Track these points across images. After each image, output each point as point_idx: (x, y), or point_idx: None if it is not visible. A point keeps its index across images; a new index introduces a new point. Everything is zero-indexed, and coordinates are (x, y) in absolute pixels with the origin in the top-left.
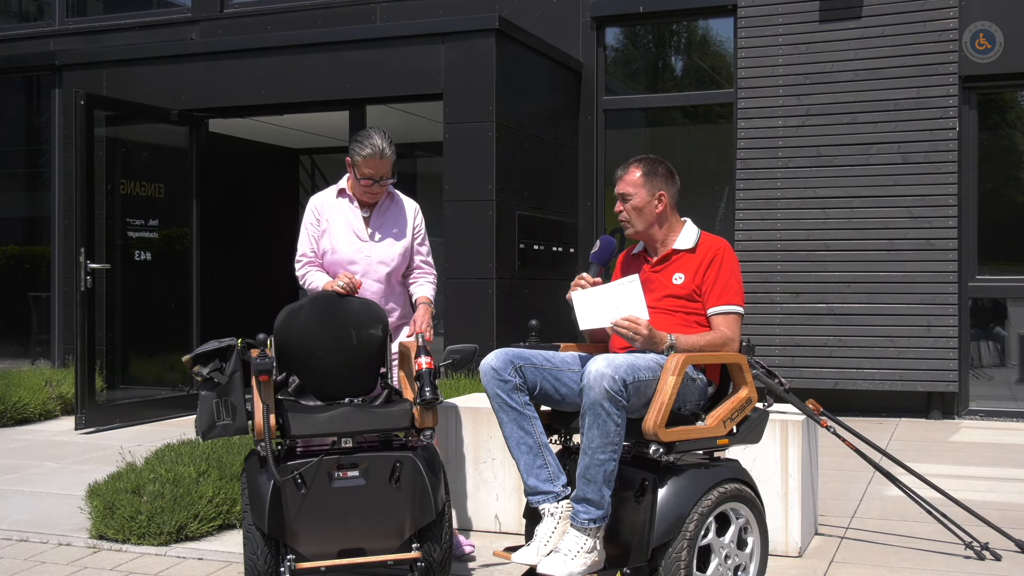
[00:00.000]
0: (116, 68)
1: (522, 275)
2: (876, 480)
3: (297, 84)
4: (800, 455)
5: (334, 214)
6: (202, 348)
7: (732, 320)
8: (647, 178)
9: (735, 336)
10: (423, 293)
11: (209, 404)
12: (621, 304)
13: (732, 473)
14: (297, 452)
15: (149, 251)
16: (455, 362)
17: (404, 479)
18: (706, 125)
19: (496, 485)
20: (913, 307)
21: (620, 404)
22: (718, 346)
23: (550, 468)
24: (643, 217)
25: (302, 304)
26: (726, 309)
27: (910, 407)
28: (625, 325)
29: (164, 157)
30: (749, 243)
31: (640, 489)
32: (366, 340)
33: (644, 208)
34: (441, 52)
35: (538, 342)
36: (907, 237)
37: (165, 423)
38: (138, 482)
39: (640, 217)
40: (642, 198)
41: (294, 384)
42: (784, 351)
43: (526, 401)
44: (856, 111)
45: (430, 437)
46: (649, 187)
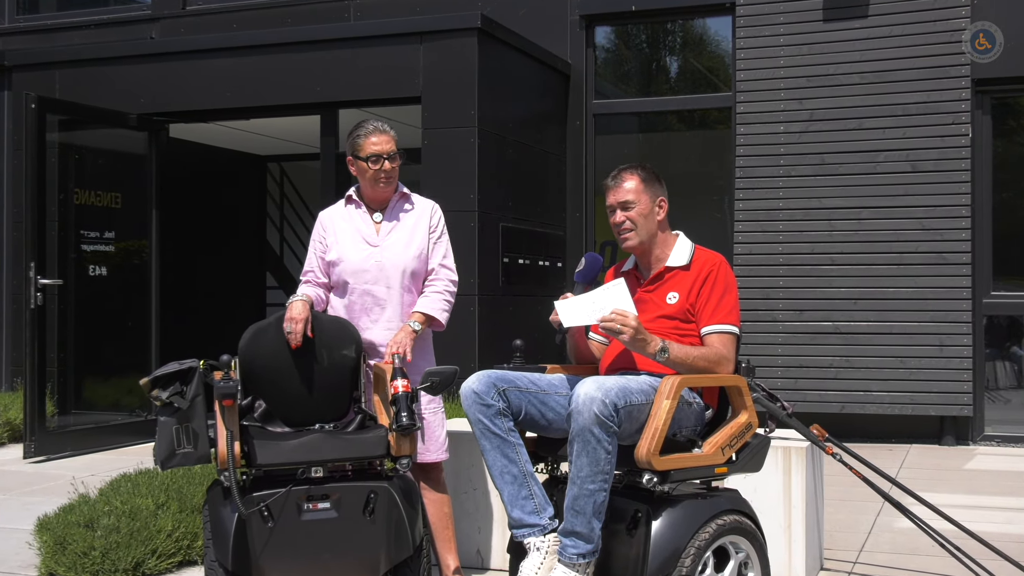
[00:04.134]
0: (70, 69)
1: (506, 291)
2: (886, 511)
3: (265, 87)
4: (804, 484)
5: (341, 223)
6: (161, 370)
7: (727, 340)
8: (646, 184)
9: (731, 356)
10: (421, 307)
11: (168, 431)
12: (608, 306)
13: (731, 504)
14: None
15: (105, 265)
16: (433, 385)
17: (379, 511)
18: (703, 131)
19: (478, 517)
20: (924, 325)
21: (611, 430)
22: (712, 361)
23: (536, 499)
24: (647, 226)
25: (269, 323)
26: (720, 329)
27: (922, 432)
28: (613, 318)
29: (121, 164)
30: (749, 257)
31: (632, 521)
32: (338, 361)
33: (648, 216)
34: (419, 53)
35: (523, 364)
36: (917, 251)
37: (121, 451)
38: (91, 515)
39: (645, 225)
40: (646, 205)
41: (260, 409)
42: (787, 372)
43: (510, 427)
44: (863, 116)
45: (407, 466)
46: (650, 193)
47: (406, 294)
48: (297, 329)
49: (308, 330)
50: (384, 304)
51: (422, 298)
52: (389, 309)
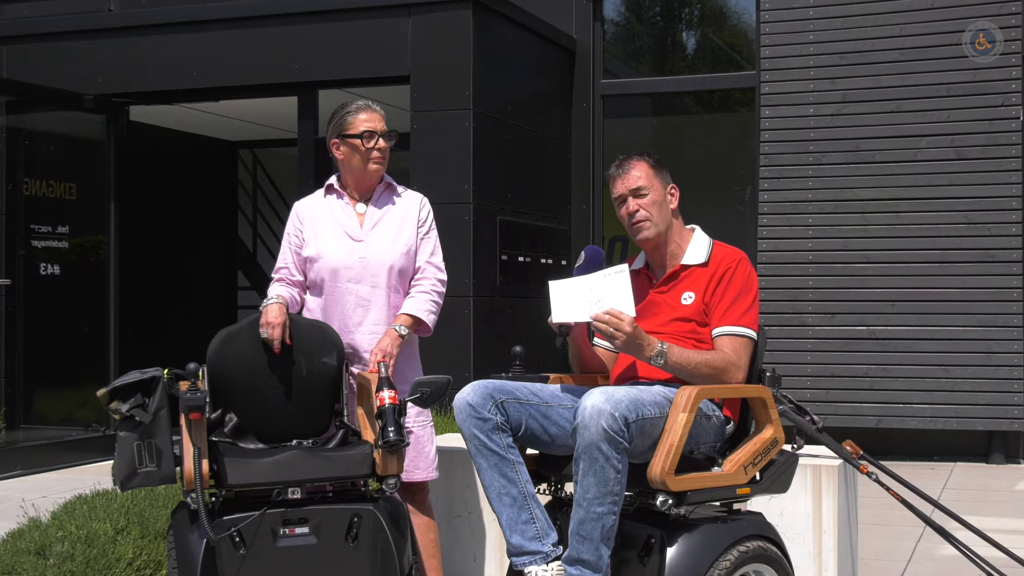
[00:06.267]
0: (18, 45)
1: (504, 292)
2: (927, 537)
3: (236, 65)
4: (836, 507)
5: (321, 215)
6: (121, 380)
7: (739, 345)
8: (656, 170)
9: (741, 364)
10: (408, 309)
11: (129, 447)
12: (605, 297)
13: (755, 529)
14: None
15: (57, 263)
16: (424, 396)
17: (363, 536)
18: (723, 114)
19: (473, 544)
20: (970, 330)
21: (621, 446)
22: (718, 368)
23: (538, 523)
24: (663, 214)
25: (240, 327)
26: (732, 331)
27: (967, 449)
28: (605, 320)
29: (76, 151)
30: (775, 254)
31: (645, 548)
32: (317, 370)
33: (662, 204)
34: (408, 27)
35: (523, 373)
36: (962, 247)
37: (76, 470)
38: (43, 541)
39: (661, 213)
40: (659, 192)
41: (231, 423)
42: (817, 382)
43: (509, 443)
44: (901, 97)
45: (394, 487)
46: (661, 179)
47: (393, 294)
48: (275, 335)
49: (286, 336)
50: (368, 305)
51: (408, 299)
52: (374, 311)
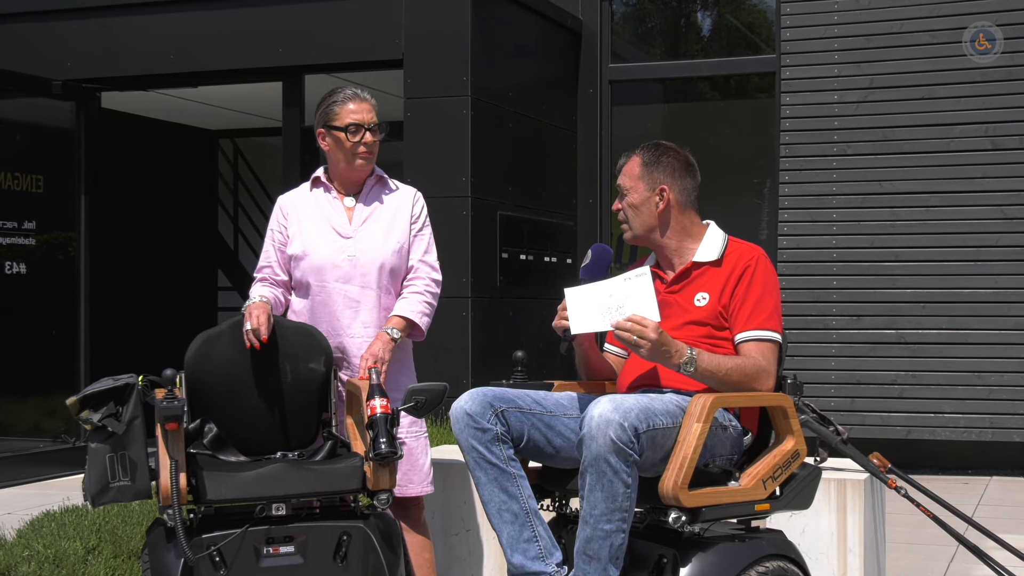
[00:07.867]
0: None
1: (505, 292)
2: (960, 556)
3: (215, 47)
4: (862, 524)
5: (307, 210)
6: (92, 388)
7: (767, 350)
8: (646, 168)
9: (772, 369)
10: (400, 310)
11: (101, 460)
12: (627, 303)
13: (774, 548)
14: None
15: (23, 262)
16: (418, 405)
17: (352, 556)
18: (741, 100)
19: (471, 563)
20: (1006, 334)
21: (630, 459)
22: (749, 375)
23: (541, 542)
24: (641, 217)
25: (221, 331)
26: (758, 335)
27: (1003, 462)
28: (628, 327)
29: (44, 141)
30: (796, 252)
31: (656, 569)
32: (304, 376)
33: (642, 206)
34: (401, 7)
35: (525, 380)
36: (998, 244)
37: (43, 484)
38: (8, 562)
39: (638, 217)
40: (640, 194)
41: (211, 434)
42: (841, 390)
43: (510, 455)
44: (933, 83)
45: (386, 502)
46: (648, 180)
47: (384, 295)
48: (258, 323)
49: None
50: (358, 307)
51: (400, 300)
52: (364, 313)
